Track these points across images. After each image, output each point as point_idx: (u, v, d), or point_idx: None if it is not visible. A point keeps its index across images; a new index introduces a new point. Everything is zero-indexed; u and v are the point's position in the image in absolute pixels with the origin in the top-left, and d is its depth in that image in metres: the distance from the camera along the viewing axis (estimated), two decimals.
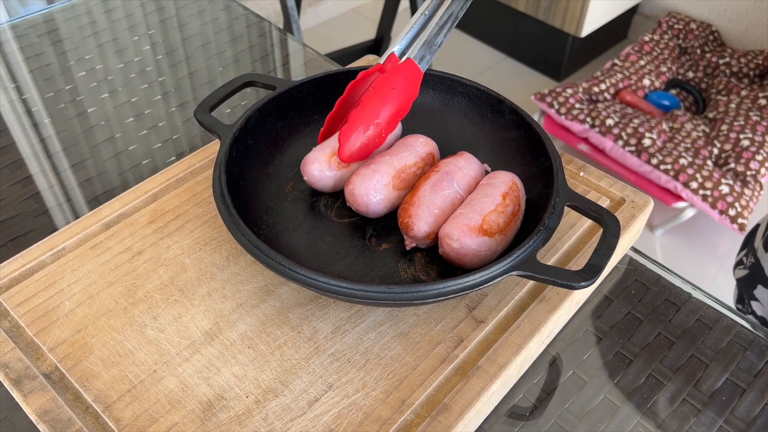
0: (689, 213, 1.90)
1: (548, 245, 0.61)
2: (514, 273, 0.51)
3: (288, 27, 1.79)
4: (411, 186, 0.61)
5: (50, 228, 0.68)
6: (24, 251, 0.59)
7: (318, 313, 0.55)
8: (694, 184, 1.81)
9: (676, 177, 1.83)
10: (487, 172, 0.63)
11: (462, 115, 0.69)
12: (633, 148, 1.91)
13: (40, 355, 0.52)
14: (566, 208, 0.58)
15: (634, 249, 0.68)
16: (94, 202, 0.72)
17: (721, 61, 2.20)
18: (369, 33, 2.18)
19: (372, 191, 0.59)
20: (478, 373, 0.51)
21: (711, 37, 2.31)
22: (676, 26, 2.32)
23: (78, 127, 0.81)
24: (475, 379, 0.51)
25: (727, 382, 0.58)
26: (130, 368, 0.51)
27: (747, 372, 0.58)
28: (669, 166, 1.84)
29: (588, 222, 0.63)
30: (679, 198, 1.86)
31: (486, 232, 0.55)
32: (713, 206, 1.78)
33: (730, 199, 1.77)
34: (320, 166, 0.61)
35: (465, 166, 0.61)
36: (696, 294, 0.64)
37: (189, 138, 0.81)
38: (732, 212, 1.76)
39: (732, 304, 1.02)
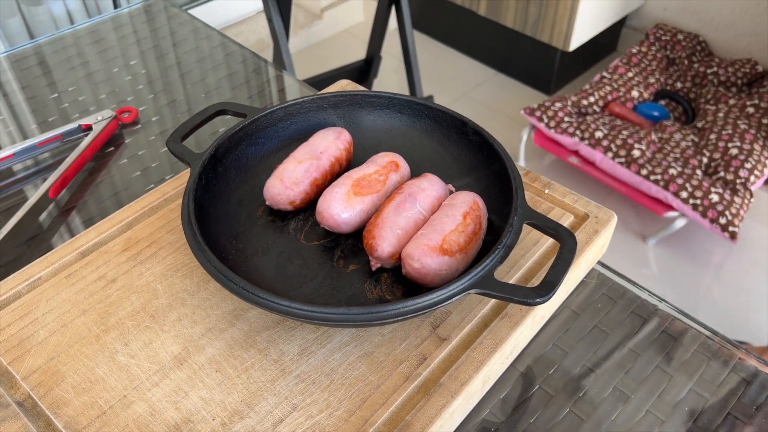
0: (680, 222, 1.91)
1: (511, 262, 0.62)
2: (472, 291, 0.52)
3: (277, 51, 1.82)
4: (375, 191, 0.63)
5: (29, 258, 0.70)
6: (0, 282, 0.61)
7: (285, 336, 0.57)
8: (684, 194, 1.82)
9: (666, 187, 1.84)
10: (451, 192, 0.65)
11: (428, 136, 0.70)
12: (623, 160, 1.92)
13: (14, 384, 0.54)
14: (528, 226, 0.59)
15: (600, 263, 0.69)
16: (77, 231, 0.74)
17: (708, 71, 2.21)
18: (362, 53, 2.21)
19: (333, 202, 0.61)
20: (440, 390, 0.52)
21: (698, 47, 2.33)
22: (663, 37, 2.34)
23: None
24: (436, 397, 0.52)
25: (691, 392, 0.58)
26: (101, 394, 0.53)
27: (710, 382, 0.59)
28: (659, 177, 1.85)
29: (551, 239, 0.64)
30: (670, 208, 1.87)
31: (446, 251, 0.56)
32: (704, 215, 1.79)
33: (720, 207, 1.78)
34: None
35: (428, 187, 0.62)
36: (662, 306, 0.65)
37: (172, 164, 0.83)
38: (723, 221, 1.77)
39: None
